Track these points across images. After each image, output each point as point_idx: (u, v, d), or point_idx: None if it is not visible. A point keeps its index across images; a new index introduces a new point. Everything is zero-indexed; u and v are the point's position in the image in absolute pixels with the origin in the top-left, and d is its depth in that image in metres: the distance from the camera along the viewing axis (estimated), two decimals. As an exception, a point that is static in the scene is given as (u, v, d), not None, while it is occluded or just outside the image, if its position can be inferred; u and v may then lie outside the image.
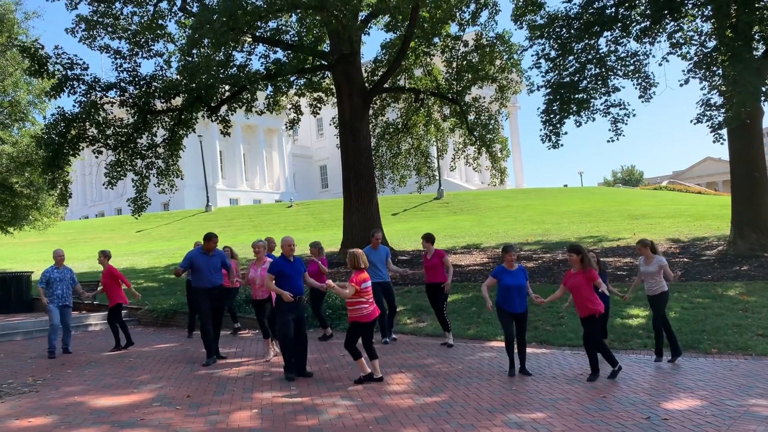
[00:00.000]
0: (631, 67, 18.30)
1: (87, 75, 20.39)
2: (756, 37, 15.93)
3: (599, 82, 18.21)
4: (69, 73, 20.12)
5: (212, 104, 21.02)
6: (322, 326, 11.84)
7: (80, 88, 20.31)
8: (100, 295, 12.33)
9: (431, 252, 10.79)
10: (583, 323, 8.26)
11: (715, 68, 16.40)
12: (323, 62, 21.40)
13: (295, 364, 8.57)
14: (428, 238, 10.88)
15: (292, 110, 24.42)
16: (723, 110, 16.13)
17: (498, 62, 23.22)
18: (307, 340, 8.86)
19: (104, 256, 11.68)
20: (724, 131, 16.97)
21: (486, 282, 8.85)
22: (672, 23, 17.74)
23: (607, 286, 9.05)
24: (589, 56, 18.26)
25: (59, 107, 20.46)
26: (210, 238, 10.09)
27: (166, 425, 6.37)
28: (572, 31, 18.25)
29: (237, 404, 7.19)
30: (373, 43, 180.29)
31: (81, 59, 20.27)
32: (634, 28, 18.26)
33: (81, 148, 20.85)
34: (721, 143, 17.25)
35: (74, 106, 20.46)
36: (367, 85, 22.01)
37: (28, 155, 24.82)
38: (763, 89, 15.05)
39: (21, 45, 21.55)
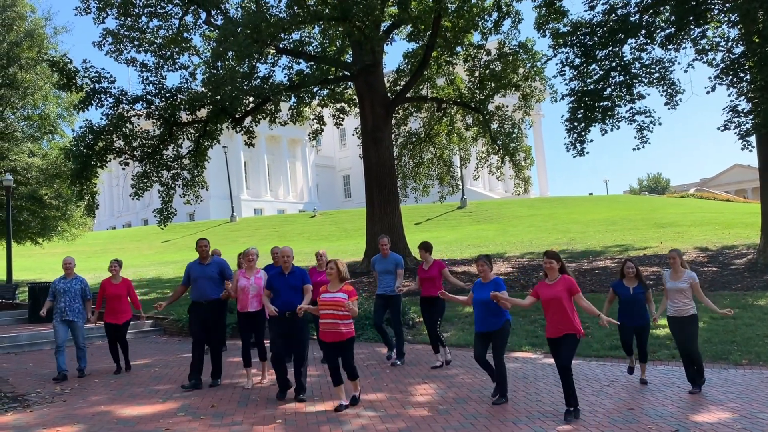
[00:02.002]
0: (656, 75, 18.11)
1: (114, 88, 20.72)
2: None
3: (624, 90, 18.05)
4: (97, 86, 20.46)
5: (236, 116, 21.22)
6: None
7: (107, 101, 20.64)
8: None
9: (429, 262, 9.81)
10: (557, 345, 6.86)
11: (742, 74, 16.17)
12: (346, 73, 21.52)
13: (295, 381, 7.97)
14: (426, 248, 9.87)
15: (315, 121, 24.55)
16: (751, 117, 15.88)
17: (521, 71, 23.14)
18: (302, 359, 7.97)
19: (119, 265, 10.71)
20: (752, 138, 16.70)
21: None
22: (697, 29, 17.54)
23: (649, 303, 8.25)
24: (614, 63, 18.11)
25: (87, 120, 20.76)
26: (197, 244, 9.18)
27: (190, 435, 6.41)
28: (596, 39, 18.12)
29: (261, 414, 7.20)
30: (395, 53, 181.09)
31: (108, 72, 20.62)
32: (659, 35, 18.08)
33: (108, 159, 21.15)
34: (750, 150, 16.98)
35: (102, 118, 20.81)
36: (389, 95, 22.06)
37: (57, 167, 25.33)
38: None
39: (50, 59, 22.00)
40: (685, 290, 7.84)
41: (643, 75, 18.15)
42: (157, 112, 20.82)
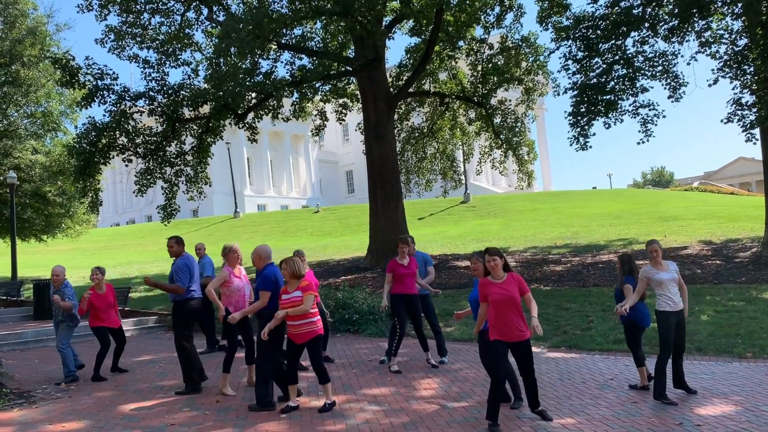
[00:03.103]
0: (659, 68, 18.06)
1: (117, 85, 20.77)
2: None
3: (627, 83, 18.00)
4: (99, 83, 20.51)
5: (239, 112, 21.24)
6: None
7: (110, 97, 20.68)
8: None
9: (406, 258, 9.33)
10: (516, 349, 6.29)
11: (746, 67, 16.11)
12: (348, 68, 21.50)
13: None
14: (407, 242, 9.43)
15: (317, 116, 24.58)
16: (755, 109, 15.83)
17: (524, 64, 23.09)
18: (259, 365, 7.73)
19: (102, 273, 10.28)
20: (756, 130, 16.64)
21: None
22: (701, 22, 17.47)
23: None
24: (616, 57, 18.06)
25: (90, 117, 20.90)
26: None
27: (195, 430, 6.43)
28: (599, 32, 18.07)
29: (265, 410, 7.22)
30: (397, 48, 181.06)
31: (111, 69, 20.66)
32: (662, 28, 18.02)
33: (111, 156, 21.20)
34: (754, 143, 16.92)
35: (104, 115, 20.87)
36: (391, 90, 22.04)
37: (61, 164, 25.39)
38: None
39: (53, 56, 22.05)
40: (676, 281, 7.27)
41: (647, 68, 18.10)
42: (159, 109, 20.85)
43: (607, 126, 18.61)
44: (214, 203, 68.11)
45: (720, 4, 17.10)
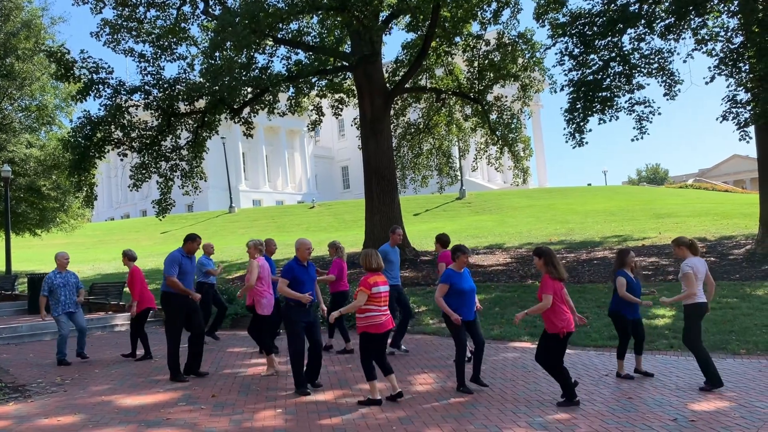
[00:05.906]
0: (655, 65, 18.06)
1: (112, 78, 20.68)
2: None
3: (623, 80, 18.01)
4: (94, 77, 20.41)
5: (235, 106, 21.18)
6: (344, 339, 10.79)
7: (105, 91, 20.59)
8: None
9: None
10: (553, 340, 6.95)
11: (741, 64, 16.15)
12: (344, 63, 21.46)
13: (308, 372, 7.92)
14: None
15: (313, 111, 24.52)
16: (749, 107, 15.88)
17: (520, 61, 23.08)
18: (321, 346, 8.12)
19: (127, 257, 10.93)
20: (750, 128, 16.69)
21: None
22: (697, 19, 17.48)
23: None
24: (613, 54, 18.06)
25: (85, 111, 20.71)
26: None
27: (191, 425, 6.44)
28: (595, 29, 18.07)
29: (261, 404, 7.23)
30: (394, 44, 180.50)
31: (106, 63, 20.58)
32: (659, 25, 18.02)
33: (106, 150, 21.13)
34: (748, 141, 16.97)
35: (100, 109, 20.77)
36: (388, 85, 22.00)
37: (55, 158, 25.29)
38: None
39: (48, 50, 21.95)
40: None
41: (643, 65, 18.09)
42: (155, 103, 20.79)
43: (602, 121, 18.62)
44: (209, 198, 67.99)
45: (716, 1, 17.12)
